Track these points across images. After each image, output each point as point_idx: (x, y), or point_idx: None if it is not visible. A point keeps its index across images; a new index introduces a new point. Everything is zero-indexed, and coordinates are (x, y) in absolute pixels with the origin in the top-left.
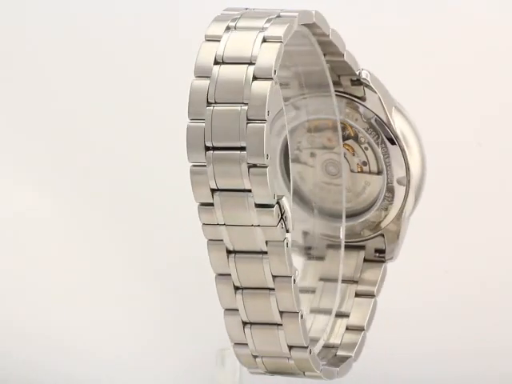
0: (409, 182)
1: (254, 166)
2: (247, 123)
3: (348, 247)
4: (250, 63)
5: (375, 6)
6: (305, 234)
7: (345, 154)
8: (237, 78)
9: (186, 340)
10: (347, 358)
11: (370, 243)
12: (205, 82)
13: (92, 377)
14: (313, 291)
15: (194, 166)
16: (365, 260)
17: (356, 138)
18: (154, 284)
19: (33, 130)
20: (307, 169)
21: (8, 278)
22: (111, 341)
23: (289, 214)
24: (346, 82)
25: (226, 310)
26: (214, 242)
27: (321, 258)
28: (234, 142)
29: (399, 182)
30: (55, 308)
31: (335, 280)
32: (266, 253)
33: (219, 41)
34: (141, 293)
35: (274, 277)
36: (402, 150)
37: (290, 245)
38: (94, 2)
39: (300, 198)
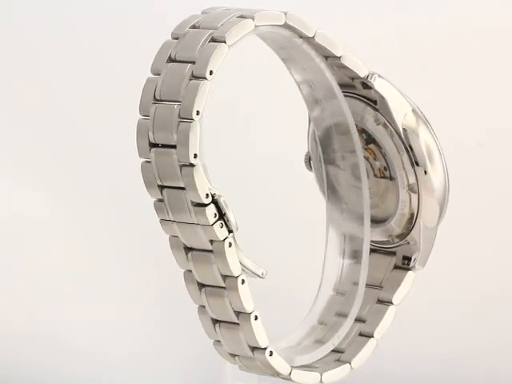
0: (419, 189)
1: (189, 165)
2: (179, 122)
3: (381, 252)
4: (193, 62)
5: (377, 7)
6: (344, 236)
7: (368, 159)
8: (179, 76)
9: (186, 340)
10: (345, 363)
11: (399, 250)
12: (156, 79)
13: (92, 377)
14: (343, 294)
15: (145, 162)
16: (395, 267)
17: (377, 143)
18: (153, 284)
19: (33, 130)
20: (339, 171)
21: (8, 278)
22: (111, 341)
23: (231, 214)
24: (358, 84)
25: (198, 307)
26: (173, 238)
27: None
28: (168, 139)
29: (411, 189)
30: (55, 308)
31: (366, 285)
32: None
33: (178, 39)
34: (141, 293)
35: (223, 276)
36: (410, 157)
37: (234, 245)
38: (95, 2)
39: (337, 199)
